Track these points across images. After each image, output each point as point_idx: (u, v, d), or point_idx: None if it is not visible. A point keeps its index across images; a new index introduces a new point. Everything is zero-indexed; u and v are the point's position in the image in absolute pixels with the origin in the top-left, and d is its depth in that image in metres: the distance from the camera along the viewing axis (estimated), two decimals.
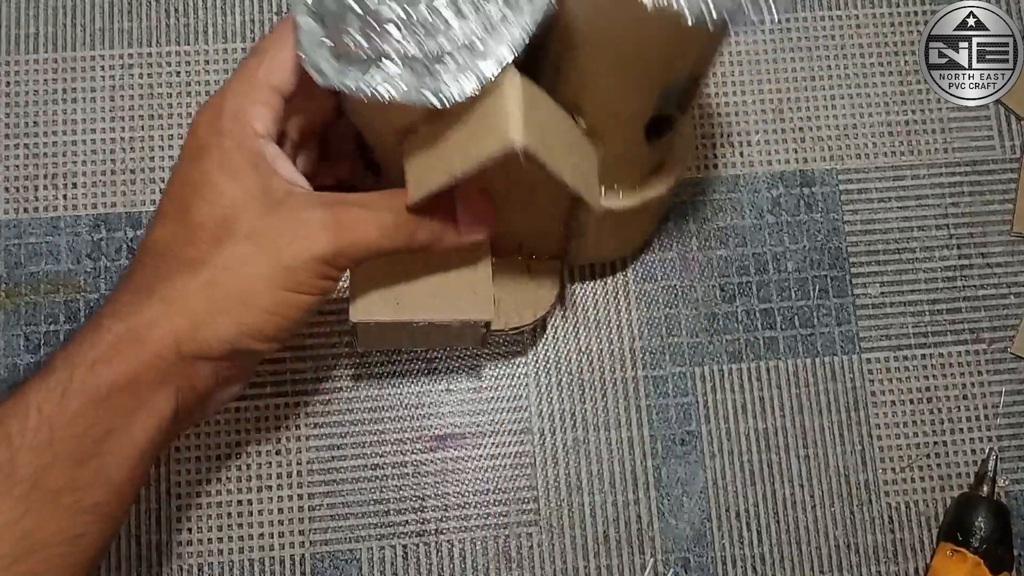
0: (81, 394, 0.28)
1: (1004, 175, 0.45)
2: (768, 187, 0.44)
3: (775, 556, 0.41)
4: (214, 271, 0.30)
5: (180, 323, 0.29)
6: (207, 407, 0.34)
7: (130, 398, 0.29)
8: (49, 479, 0.27)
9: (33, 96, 0.44)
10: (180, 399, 0.30)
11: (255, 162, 0.31)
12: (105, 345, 0.29)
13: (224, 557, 0.40)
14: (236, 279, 0.30)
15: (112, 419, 0.28)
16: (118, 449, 0.29)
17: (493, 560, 0.41)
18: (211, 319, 0.30)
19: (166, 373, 0.30)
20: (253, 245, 0.30)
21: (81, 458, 0.28)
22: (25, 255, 0.42)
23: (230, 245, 0.30)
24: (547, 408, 0.42)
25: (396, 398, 0.42)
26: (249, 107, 0.31)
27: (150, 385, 0.29)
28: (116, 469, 0.29)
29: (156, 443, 0.30)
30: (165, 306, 0.30)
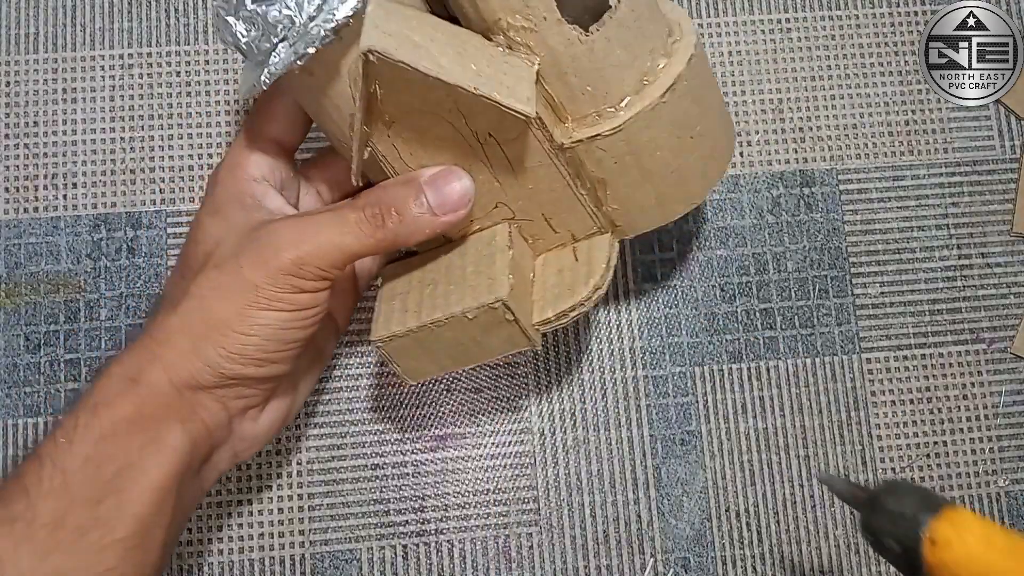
0: (87, 437, 0.29)
1: (1004, 175, 0.45)
2: (768, 187, 0.44)
3: (775, 556, 0.41)
4: (190, 302, 0.31)
5: (167, 355, 0.30)
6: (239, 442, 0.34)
7: (136, 434, 0.30)
8: (69, 520, 0.28)
9: (33, 96, 0.44)
10: (191, 433, 0.31)
11: (240, 200, 0.33)
12: (105, 389, 0.30)
13: (224, 557, 0.40)
14: (208, 305, 0.31)
15: (121, 457, 0.29)
16: (133, 485, 0.29)
17: (493, 560, 0.41)
18: (193, 348, 0.30)
19: (166, 408, 0.30)
20: (219, 271, 0.31)
21: (98, 497, 0.29)
22: (25, 255, 0.42)
23: (202, 275, 0.31)
24: (547, 408, 0.42)
25: (396, 398, 0.42)
26: (242, 157, 0.33)
27: (153, 421, 0.30)
28: (137, 504, 0.29)
29: (174, 477, 0.30)
30: (154, 343, 0.31)
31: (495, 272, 0.32)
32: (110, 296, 0.42)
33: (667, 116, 0.31)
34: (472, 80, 0.27)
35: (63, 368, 0.41)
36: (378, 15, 0.27)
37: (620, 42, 0.30)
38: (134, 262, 0.42)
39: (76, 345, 0.42)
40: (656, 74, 0.31)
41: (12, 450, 0.41)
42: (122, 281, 0.42)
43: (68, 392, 0.41)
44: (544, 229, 0.34)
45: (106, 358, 0.31)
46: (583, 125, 0.31)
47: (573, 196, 0.33)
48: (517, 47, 0.29)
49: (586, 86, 0.30)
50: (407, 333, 0.32)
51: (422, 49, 0.27)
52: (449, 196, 0.31)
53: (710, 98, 0.33)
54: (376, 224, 0.31)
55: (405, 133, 0.30)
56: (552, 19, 0.28)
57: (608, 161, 0.31)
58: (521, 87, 0.28)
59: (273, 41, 0.29)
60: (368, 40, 0.26)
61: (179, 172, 0.43)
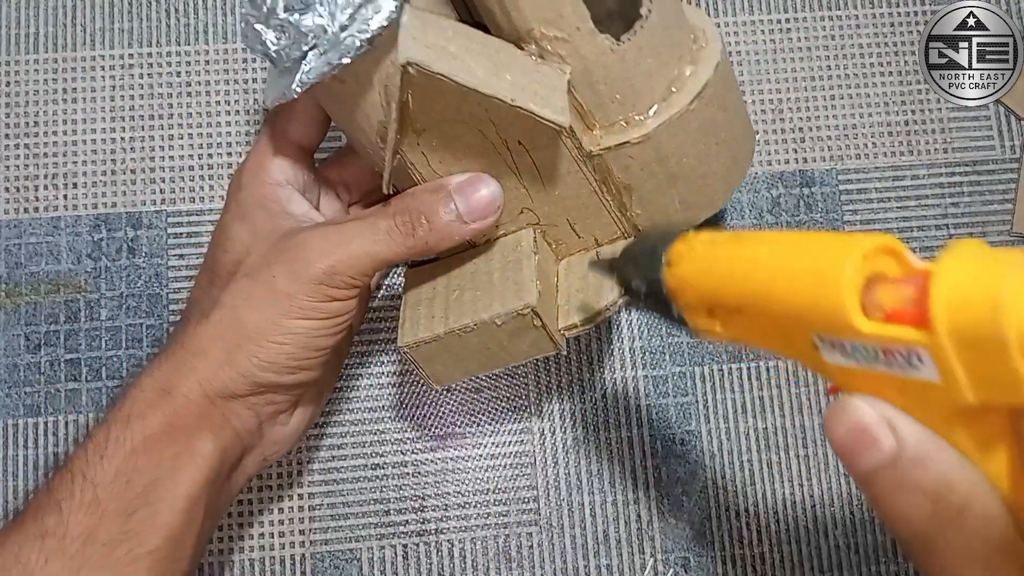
0: (119, 450, 0.29)
1: (1004, 175, 0.45)
2: (768, 187, 0.44)
3: (775, 556, 0.41)
4: (222, 311, 0.31)
5: (200, 366, 0.31)
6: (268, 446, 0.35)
7: (167, 446, 0.30)
8: (100, 533, 0.28)
9: (33, 96, 0.44)
10: (221, 441, 0.31)
11: (265, 205, 0.33)
12: (137, 401, 0.30)
13: (224, 557, 0.40)
14: (241, 315, 0.31)
15: (153, 469, 0.29)
16: (165, 496, 0.29)
17: (493, 560, 0.41)
18: (227, 358, 0.31)
19: (199, 417, 0.31)
20: (251, 280, 0.31)
21: (129, 510, 0.29)
22: (25, 255, 0.42)
23: (233, 284, 0.31)
24: (547, 408, 0.42)
25: (396, 398, 0.42)
26: (265, 161, 0.33)
27: (185, 431, 0.30)
28: (168, 515, 0.29)
29: (204, 486, 0.31)
30: (186, 353, 0.31)
31: (522, 278, 0.32)
32: (110, 296, 0.42)
33: (694, 123, 0.31)
34: (508, 91, 0.27)
35: (63, 368, 0.41)
36: (415, 26, 0.27)
37: (650, 50, 0.30)
38: (134, 262, 0.42)
39: (76, 345, 0.42)
40: (683, 81, 0.31)
41: (12, 450, 0.41)
42: (122, 281, 0.42)
43: (68, 392, 0.41)
44: (568, 234, 0.34)
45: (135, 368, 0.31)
46: (611, 132, 0.31)
47: (599, 202, 0.33)
48: (549, 56, 0.29)
49: (615, 94, 0.30)
50: (434, 339, 0.32)
51: (458, 61, 0.27)
52: (478, 203, 0.31)
53: (734, 104, 0.33)
54: (407, 232, 0.31)
55: (434, 141, 0.30)
56: (585, 29, 0.28)
57: (635, 167, 0.31)
58: (554, 97, 0.28)
59: (303, 49, 0.29)
60: (407, 52, 0.26)
61: (179, 172, 0.43)
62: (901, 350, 0.18)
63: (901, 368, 0.19)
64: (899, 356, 0.19)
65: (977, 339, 0.17)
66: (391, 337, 0.42)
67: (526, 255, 0.33)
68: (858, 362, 0.20)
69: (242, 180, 0.34)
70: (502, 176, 0.32)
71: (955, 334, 0.17)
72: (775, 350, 0.23)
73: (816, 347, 0.21)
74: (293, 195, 0.33)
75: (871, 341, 0.19)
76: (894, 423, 0.20)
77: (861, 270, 0.19)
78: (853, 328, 0.19)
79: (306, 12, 0.28)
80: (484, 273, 0.33)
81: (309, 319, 0.31)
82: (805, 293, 0.20)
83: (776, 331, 0.22)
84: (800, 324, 0.21)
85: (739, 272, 0.22)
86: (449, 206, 0.31)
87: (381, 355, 0.42)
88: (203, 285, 0.34)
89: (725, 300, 0.23)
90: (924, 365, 0.18)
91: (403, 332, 0.33)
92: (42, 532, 0.28)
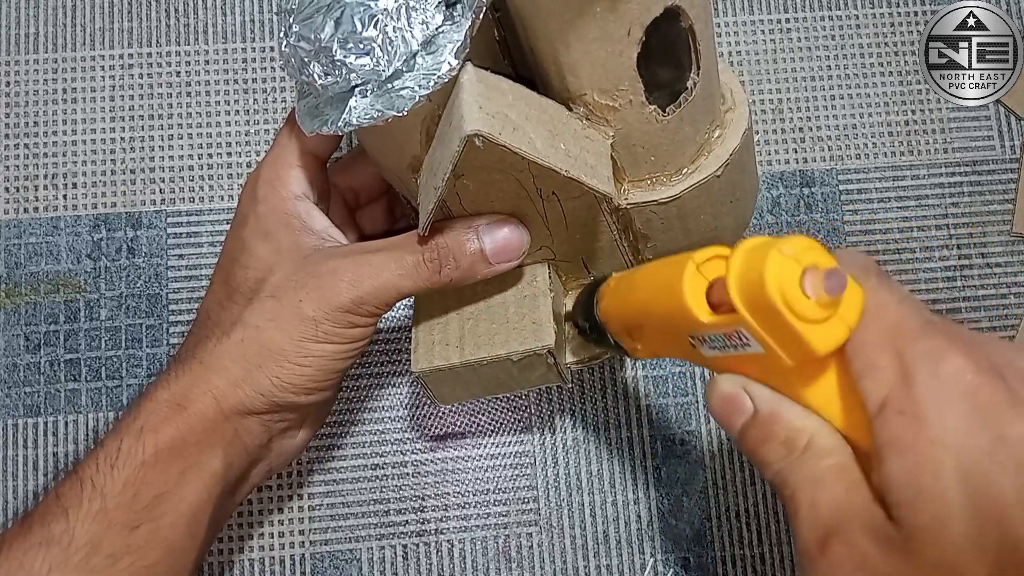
0: (130, 462, 0.30)
1: (1004, 175, 0.45)
2: (768, 187, 0.44)
3: (775, 556, 0.41)
4: (245, 330, 0.31)
5: (218, 383, 0.31)
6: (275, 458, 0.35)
7: (177, 461, 0.30)
8: (105, 545, 0.29)
9: (33, 96, 0.44)
10: (230, 456, 0.31)
11: (286, 222, 0.33)
12: (152, 414, 0.31)
13: (224, 557, 0.40)
14: (265, 335, 0.31)
15: (161, 483, 0.30)
16: (170, 511, 0.30)
17: (493, 560, 0.41)
18: (247, 376, 0.31)
19: (211, 432, 0.31)
20: (277, 301, 0.31)
21: (135, 524, 0.29)
22: (25, 255, 0.42)
23: (258, 303, 0.32)
24: (547, 408, 0.42)
25: (396, 398, 0.42)
26: (283, 172, 0.33)
27: (197, 446, 0.31)
28: (170, 530, 0.30)
29: (209, 501, 0.31)
30: (203, 368, 0.31)
31: (540, 317, 0.33)
32: (110, 296, 0.42)
33: (717, 187, 0.32)
34: (563, 162, 0.28)
35: (63, 368, 0.41)
36: (479, 92, 0.27)
37: (689, 120, 0.31)
38: (134, 262, 0.42)
39: (76, 345, 0.42)
40: (711, 146, 0.32)
41: (12, 450, 0.41)
42: (122, 281, 0.42)
43: (68, 392, 0.41)
44: (579, 269, 0.35)
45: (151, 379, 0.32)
46: (638, 188, 0.32)
47: (615, 246, 0.34)
48: (596, 120, 0.30)
49: (650, 156, 0.31)
50: (449, 368, 0.33)
51: (520, 132, 0.28)
52: (506, 246, 0.32)
53: (751, 164, 0.35)
54: (434, 269, 0.31)
55: (471, 185, 0.30)
56: (637, 101, 0.29)
57: (656, 222, 0.33)
58: (601, 166, 0.30)
59: (350, 86, 0.29)
60: (474, 123, 0.26)
61: (179, 172, 0.43)
62: (734, 333, 0.23)
63: (743, 347, 0.23)
64: (735, 338, 0.23)
65: (763, 308, 0.21)
66: (391, 338, 0.42)
67: (542, 292, 0.33)
68: (720, 350, 0.24)
69: (258, 193, 0.33)
70: (529, 218, 0.32)
71: (750, 308, 0.22)
72: (678, 356, 0.27)
73: (693, 345, 0.25)
74: (312, 209, 0.33)
75: (713, 330, 0.23)
76: (749, 390, 0.25)
77: (697, 275, 0.24)
78: (698, 321, 0.23)
79: (363, 55, 0.28)
80: (499, 305, 0.34)
81: (331, 343, 0.31)
82: (666, 302, 0.25)
83: (668, 339, 0.27)
84: (675, 327, 0.25)
85: (631, 296, 0.28)
86: (476, 246, 0.31)
87: (381, 355, 0.42)
88: (219, 299, 0.33)
89: (629, 319, 0.28)
90: (750, 340, 0.23)
91: (416, 357, 0.33)
92: (48, 539, 0.28)
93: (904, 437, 0.21)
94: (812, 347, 0.21)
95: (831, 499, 0.23)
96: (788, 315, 0.21)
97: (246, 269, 0.33)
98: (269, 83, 0.44)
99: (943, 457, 0.21)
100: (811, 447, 0.23)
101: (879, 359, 0.22)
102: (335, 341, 0.31)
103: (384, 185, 0.38)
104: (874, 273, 0.23)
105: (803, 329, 0.21)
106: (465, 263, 0.31)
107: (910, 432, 0.21)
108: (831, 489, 0.23)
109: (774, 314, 0.21)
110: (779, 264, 0.21)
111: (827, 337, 0.21)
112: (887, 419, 0.21)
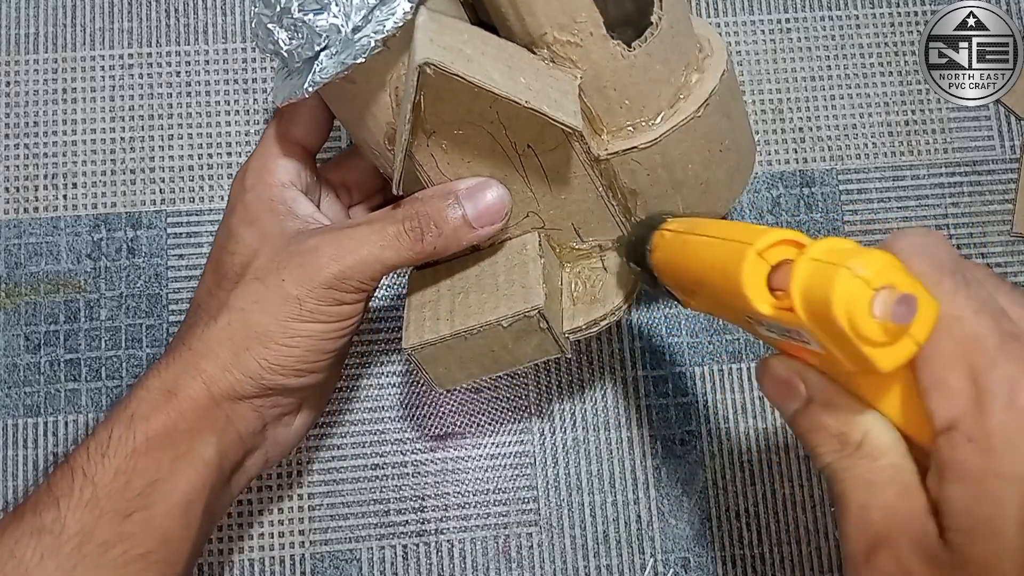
0: (121, 450, 0.30)
1: (1004, 175, 0.45)
2: (768, 187, 0.44)
3: (775, 556, 0.41)
4: (231, 313, 0.31)
5: (208, 368, 0.31)
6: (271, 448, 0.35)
7: (169, 449, 0.30)
8: (97, 533, 0.28)
9: (33, 96, 0.44)
10: (224, 443, 0.31)
11: (272, 208, 0.33)
12: (142, 401, 0.31)
13: (224, 557, 0.40)
14: (251, 318, 0.31)
15: (153, 471, 0.30)
16: (162, 499, 0.30)
17: (493, 560, 0.41)
18: (235, 359, 0.31)
19: (203, 419, 0.31)
20: (261, 283, 0.31)
21: (127, 511, 0.29)
22: (25, 255, 0.42)
23: (243, 286, 0.31)
24: (547, 408, 0.42)
25: (396, 398, 0.42)
26: (269, 162, 0.34)
27: (188, 433, 0.30)
28: (164, 518, 0.30)
29: (203, 489, 0.31)
30: (193, 355, 0.31)
31: (529, 281, 0.32)
32: (110, 296, 0.42)
33: (700, 130, 0.31)
34: (523, 93, 0.28)
35: (63, 368, 0.41)
36: (431, 27, 0.27)
37: (659, 57, 0.30)
38: (134, 262, 0.42)
39: (76, 345, 0.42)
40: (690, 89, 0.31)
41: (12, 450, 0.41)
42: (122, 281, 0.42)
43: (68, 392, 0.41)
44: (572, 237, 0.34)
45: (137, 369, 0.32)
46: (618, 138, 0.31)
47: (604, 207, 0.33)
48: (560, 61, 0.29)
49: (624, 100, 0.30)
50: (440, 340, 0.32)
51: (474, 63, 0.27)
52: (487, 209, 0.31)
53: (738, 113, 0.34)
54: (416, 237, 0.31)
55: (444, 143, 0.30)
56: (598, 35, 0.29)
57: (641, 173, 0.32)
58: (567, 101, 0.29)
59: (315, 49, 0.29)
60: (424, 52, 0.26)
61: (179, 172, 0.43)
62: (794, 329, 0.22)
63: (802, 340, 0.22)
64: (795, 333, 0.22)
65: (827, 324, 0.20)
66: (391, 337, 0.42)
67: (532, 258, 0.33)
68: (778, 335, 0.24)
69: (246, 182, 0.34)
70: (510, 179, 0.32)
71: (812, 320, 0.21)
72: (734, 322, 0.26)
73: (749, 321, 0.24)
74: (298, 196, 0.34)
75: (772, 320, 0.22)
76: (803, 376, 0.24)
77: (758, 262, 0.23)
78: (757, 312, 0.22)
79: (321, 12, 0.28)
80: (490, 276, 0.33)
81: (318, 322, 0.31)
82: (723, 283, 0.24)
83: (724, 308, 0.26)
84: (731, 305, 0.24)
85: (685, 260, 0.27)
86: (458, 211, 0.31)
87: (381, 355, 0.42)
88: (209, 287, 0.34)
89: (683, 282, 0.28)
90: (811, 340, 0.22)
91: (407, 334, 0.33)
92: (39, 528, 0.28)
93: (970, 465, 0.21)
94: (875, 365, 0.20)
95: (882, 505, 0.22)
96: (853, 337, 0.20)
97: (233, 255, 0.33)
98: (269, 83, 0.44)
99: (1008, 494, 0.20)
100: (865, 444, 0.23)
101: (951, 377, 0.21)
102: (321, 320, 0.31)
103: (378, 181, 0.38)
104: (948, 272, 0.22)
105: (867, 351, 0.20)
106: (447, 229, 0.31)
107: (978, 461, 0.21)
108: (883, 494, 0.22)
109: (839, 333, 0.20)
110: (848, 286, 0.20)
111: (893, 356, 0.21)
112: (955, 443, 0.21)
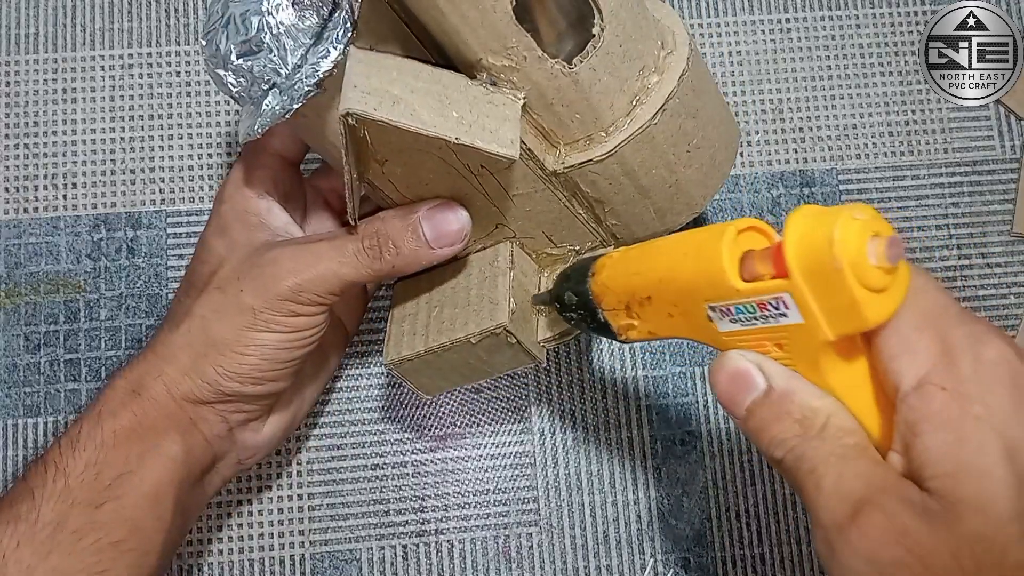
0: (90, 444, 0.31)
1: (1004, 175, 0.45)
2: (768, 187, 0.44)
3: (775, 556, 0.41)
4: (192, 320, 0.32)
5: (168, 371, 0.32)
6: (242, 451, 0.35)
7: (136, 443, 0.31)
8: (70, 522, 0.30)
9: (33, 96, 0.44)
10: (189, 443, 0.32)
11: (244, 219, 0.34)
12: (109, 399, 0.32)
13: (224, 557, 0.40)
14: (209, 326, 0.32)
15: (122, 463, 0.31)
16: (131, 491, 0.31)
17: (493, 560, 0.41)
18: (193, 365, 0.32)
19: (166, 418, 0.32)
20: (221, 292, 0.32)
21: (97, 502, 0.30)
22: (25, 255, 0.42)
23: (206, 295, 0.32)
24: (547, 408, 0.42)
25: (396, 398, 0.42)
26: (248, 172, 0.34)
27: (154, 430, 0.32)
28: (134, 509, 0.31)
29: (171, 484, 0.32)
30: (156, 357, 0.32)
31: (497, 296, 0.32)
32: (110, 296, 0.42)
33: (660, 135, 0.31)
34: (453, 130, 0.27)
35: (63, 368, 0.41)
36: (357, 72, 0.27)
37: (606, 69, 0.29)
38: (134, 262, 0.42)
39: (76, 345, 0.42)
40: (648, 93, 0.30)
41: (12, 450, 0.41)
42: (122, 281, 0.42)
43: (68, 392, 0.41)
44: (545, 244, 0.34)
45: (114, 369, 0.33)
46: (575, 150, 0.31)
47: (571, 215, 0.33)
48: (502, 82, 0.29)
49: (575, 114, 0.30)
50: (416, 356, 0.33)
51: (401, 104, 0.27)
52: (446, 230, 0.32)
53: (707, 108, 0.33)
54: (373, 256, 0.32)
55: (398, 169, 0.30)
56: (533, 57, 0.28)
57: (602, 183, 0.31)
58: (504, 129, 0.28)
59: (263, 88, 0.29)
60: (346, 103, 0.26)
61: (179, 172, 0.43)
62: (771, 300, 0.23)
63: (774, 318, 0.23)
64: (770, 307, 0.23)
65: (822, 272, 0.21)
66: None
67: (502, 272, 0.33)
68: (743, 323, 0.24)
69: (224, 193, 0.34)
70: (470, 197, 0.32)
71: (806, 272, 0.21)
72: (681, 335, 0.27)
73: (710, 319, 0.25)
74: (273, 206, 0.34)
75: (748, 296, 0.23)
76: (763, 366, 0.24)
77: (735, 243, 0.23)
78: (733, 288, 0.23)
79: (256, 56, 0.29)
80: (463, 289, 0.34)
81: (273, 332, 0.32)
82: (695, 268, 0.24)
83: (679, 312, 0.26)
84: (695, 297, 0.25)
85: (645, 265, 0.27)
86: (417, 232, 0.32)
87: (379, 356, 0.42)
88: (179, 297, 0.35)
89: (637, 291, 0.27)
90: (790, 310, 0.22)
91: (388, 349, 0.34)
92: (15, 517, 0.29)
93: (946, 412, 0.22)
94: (864, 316, 0.21)
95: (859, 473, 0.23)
96: (851, 280, 0.21)
97: (203, 264, 0.34)
98: None
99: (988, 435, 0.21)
100: (829, 426, 0.24)
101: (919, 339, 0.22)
102: (276, 330, 0.32)
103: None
104: None
105: (861, 296, 0.21)
106: (405, 249, 0.32)
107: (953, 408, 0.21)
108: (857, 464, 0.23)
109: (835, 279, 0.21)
110: (849, 227, 0.21)
111: (879, 308, 0.22)
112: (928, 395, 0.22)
